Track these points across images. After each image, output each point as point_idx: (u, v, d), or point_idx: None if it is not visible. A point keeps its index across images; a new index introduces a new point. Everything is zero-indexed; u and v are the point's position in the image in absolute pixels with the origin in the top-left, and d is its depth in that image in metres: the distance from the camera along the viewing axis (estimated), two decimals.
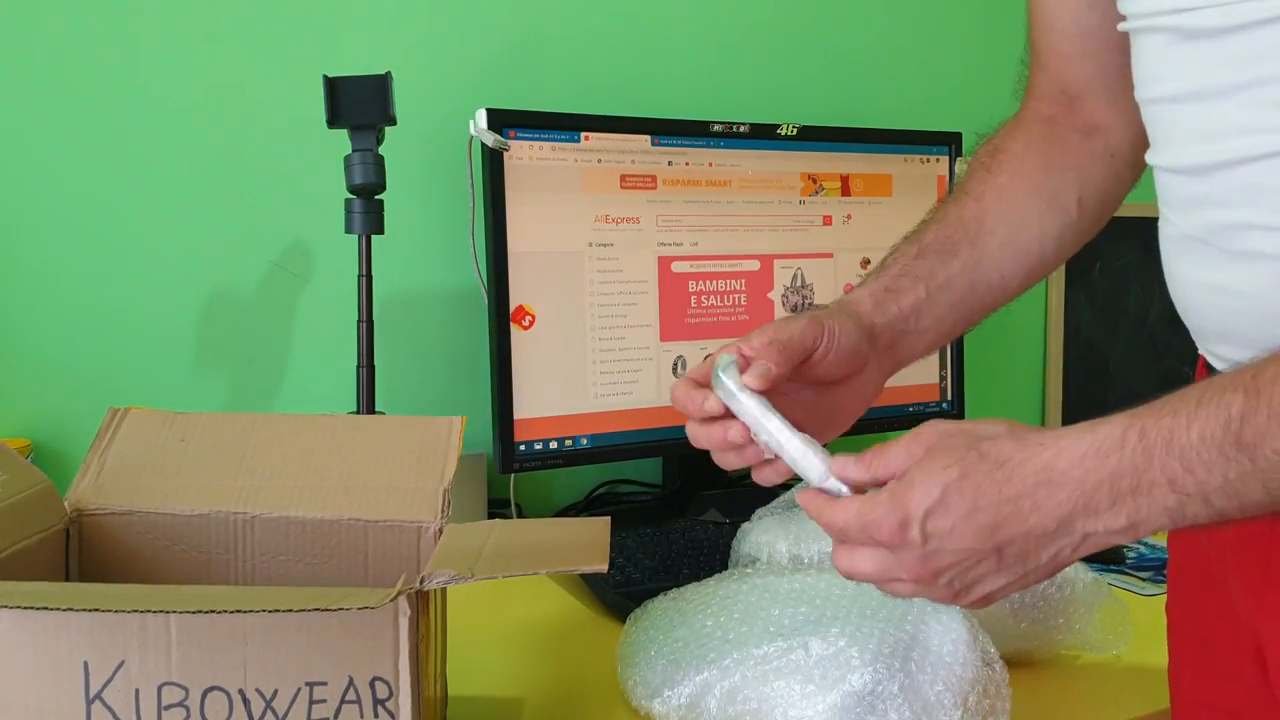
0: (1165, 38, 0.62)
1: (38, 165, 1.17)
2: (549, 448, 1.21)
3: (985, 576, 0.59)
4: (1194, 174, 0.62)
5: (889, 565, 0.60)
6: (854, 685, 0.73)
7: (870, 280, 0.77)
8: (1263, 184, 0.58)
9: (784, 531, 0.99)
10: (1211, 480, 0.52)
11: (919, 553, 0.58)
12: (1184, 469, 0.52)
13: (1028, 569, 0.58)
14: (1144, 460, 0.54)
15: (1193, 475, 0.52)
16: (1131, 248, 1.72)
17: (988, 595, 0.60)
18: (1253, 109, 0.58)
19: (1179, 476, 0.53)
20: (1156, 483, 0.53)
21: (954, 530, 0.57)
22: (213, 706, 0.60)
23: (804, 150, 1.35)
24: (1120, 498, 0.54)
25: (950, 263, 0.77)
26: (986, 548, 0.57)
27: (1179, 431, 0.53)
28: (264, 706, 0.60)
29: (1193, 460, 0.52)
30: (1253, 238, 0.59)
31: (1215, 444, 0.52)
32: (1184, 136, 0.63)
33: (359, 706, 0.61)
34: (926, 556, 0.58)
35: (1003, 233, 0.79)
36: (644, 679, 0.81)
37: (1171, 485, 0.53)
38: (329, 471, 0.80)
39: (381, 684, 0.61)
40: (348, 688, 0.61)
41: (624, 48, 1.41)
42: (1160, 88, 0.64)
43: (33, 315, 1.18)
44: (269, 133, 1.25)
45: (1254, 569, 0.64)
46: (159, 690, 0.60)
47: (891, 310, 0.75)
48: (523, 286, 1.19)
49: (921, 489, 0.58)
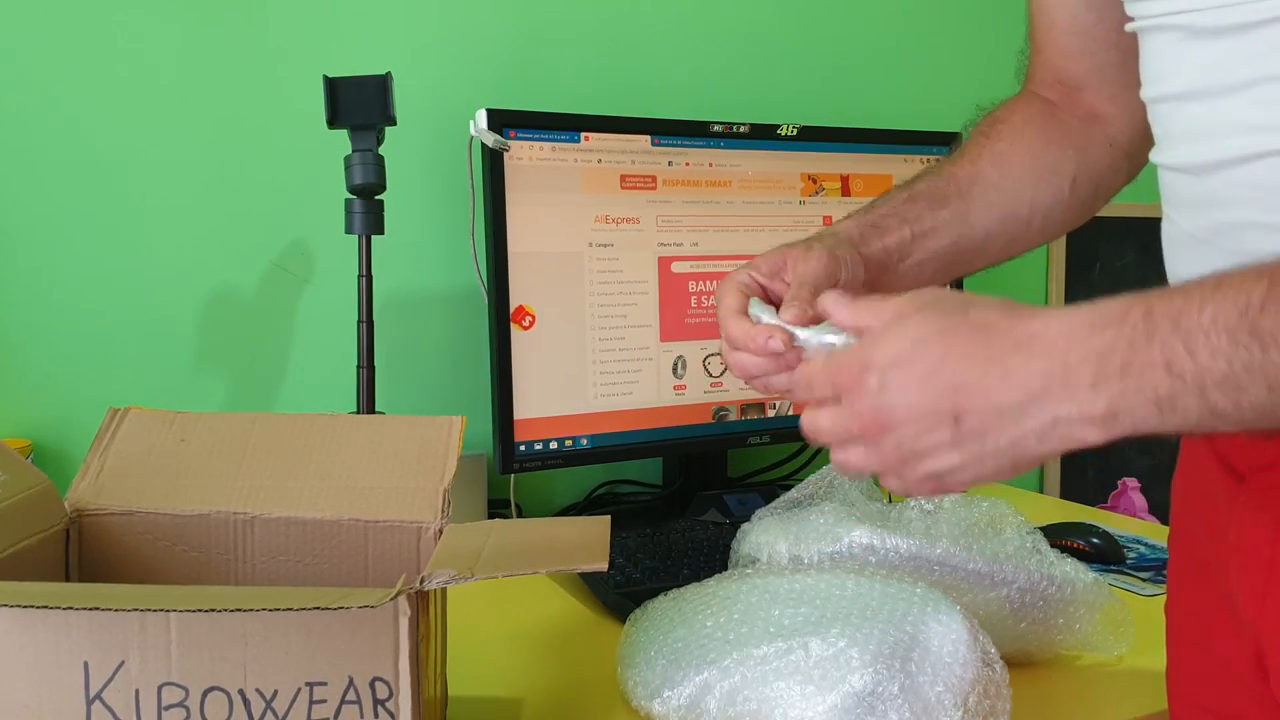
0: (1173, 36, 0.62)
1: (38, 165, 1.17)
2: (549, 448, 1.21)
3: (937, 448, 0.55)
4: (1198, 173, 0.62)
5: (842, 416, 0.57)
6: (854, 686, 0.73)
7: (856, 215, 0.77)
8: (1266, 183, 0.58)
9: (784, 532, 0.99)
10: (1215, 367, 0.47)
11: (872, 402, 0.55)
12: (1186, 350, 0.48)
13: (985, 450, 0.54)
14: (1143, 338, 0.49)
15: (1194, 359, 0.48)
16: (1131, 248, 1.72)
17: (937, 475, 0.56)
18: (1258, 107, 0.58)
19: (1178, 359, 0.48)
20: (1152, 363, 0.49)
21: (913, 383, 0.54)
22: (213, 707, 0.60)
23: (804, 150, 1.35)
24: (1106, 377, 0.50)
25: (938, 212, 0.77)
26: (943, 409, 0.54)
27: (1189, 312, 0.48)
28: (264, 707, 0.60)
29: (1198, 342, 0.48)
30: (1255, 237, 0.59)
31: (1227, 328, 0.47)
32: (1188, 135, 0.63)
33: (359, 707, 0.61)
34: (879, 409, 0.55)
35: (994, 195, 0.78)
36: (644, 679, 0.81)
37: (1168, 368, 0.48)
38: (329, 472, 0.80)
39: (382, 684, 0.61)
40: (348, 688, 0.61)
41: (624, 48, 1.41)
42: (1166, 86, 0.64)
43: (33, 315, 1.18)
44: (269, 133, 1.25)
45: (1256, 572, 0.63)
46: (159, 690, 0.60)
47: (875, 245, 0.74)
48: (523, 287, 1.19)
49: (893, 339, 0.55)
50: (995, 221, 0.78)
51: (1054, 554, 0.93)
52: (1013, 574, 0.89)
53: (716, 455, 1.38)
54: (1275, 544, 0.62)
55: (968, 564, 0.89)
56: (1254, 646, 0.65)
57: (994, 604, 0.89)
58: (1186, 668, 0.75)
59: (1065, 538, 1.20)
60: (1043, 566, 0.90)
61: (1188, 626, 0.75)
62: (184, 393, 1.23)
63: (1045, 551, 0.93)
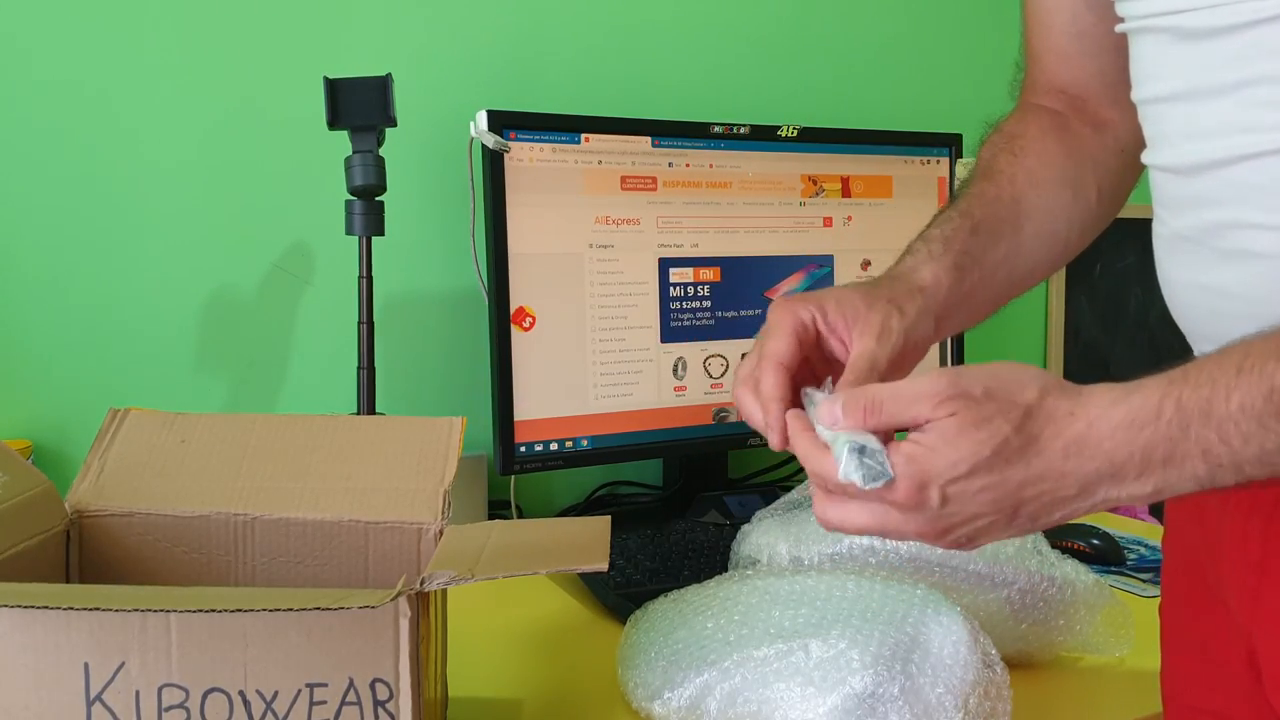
0: (1161, 38, 0.63)
1: (38, 166, 1.17)
2: (549, 449, 1.21)
3: (992, 530, 0.57)
4: (1186, 173, 0.63)
5: (895, 522, 0.57)
6: (854, 688, 0.72)
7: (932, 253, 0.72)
8: (1254, 182, 0.58)
9: (784, 533, 0.99)
10: (1247, 451, 0.51)
11: (933, 514, 0.56)
12: (1220, 439, 0.51)
13: (1036, 525, 0.57)
14: (1179, 432, 0.52)
15: (1228, 446, 0.51)
16: (1132, 249, 1.72)
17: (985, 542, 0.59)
18: (1245, 108, 0.58)
19: (1214, 447, 0.52)
20: (1190, 455, 0.52)
21: (975, 497, 0.56)
22: (213, 708, 0.60)
23: (804, 152, 1.35)
24: (1150, 468, 0.53)
25: (998, 247, 0.75)
26: (1004, 509, 0.56)
27: (1217, 402, 0.52)
28: (264, 708, 0.60)
29: (1230, 431, 0.51)
30: (1244, 236, 0.59)
31: (1255, 415, 0.50)
32: (1177, 136, 0.63)
33: (359, 708, 0.61)
34: (939, 518, 0.57)
35: (1037, 219, 0.77)
36: (644, 681, 0.81)
37: (1205, 456, 0.52)
38: (329, 473, 0.80)
39: (382, 685, 0.61)
40: (348, 689, 0.61)
41: (624, 49, 1.41)
42: (1155, 88, 0.65)
43: (33, 316, 1.18)
44: (269, 134, 1.25)
45: (1248, 573, 0.64)
46: (159, 692, 0.60)
47: (957, 294, 0.72)
48: (523, 288, 1.19)
49: (946, 459, 0.55)
50: (1041, 249, 0.78)
51: (1054, 555, 0.93)
52: (1013, 575, 0.89)
53: (717, 456, 1.38)
54: (1266, 545, 0.62)
55: (968, 565, 0.90)
56: (1247, 648, 0.65)
57: (994, 605, 0.89)
58: (1181, 668, 0.75)
59: (1065, 539, 1.20)
60: (1043, 568, 0.90)
61: (1182, 628, 0.75)
62: (184, 393, 1.23)
63: (1045, 552, 0.93)
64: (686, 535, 1.18)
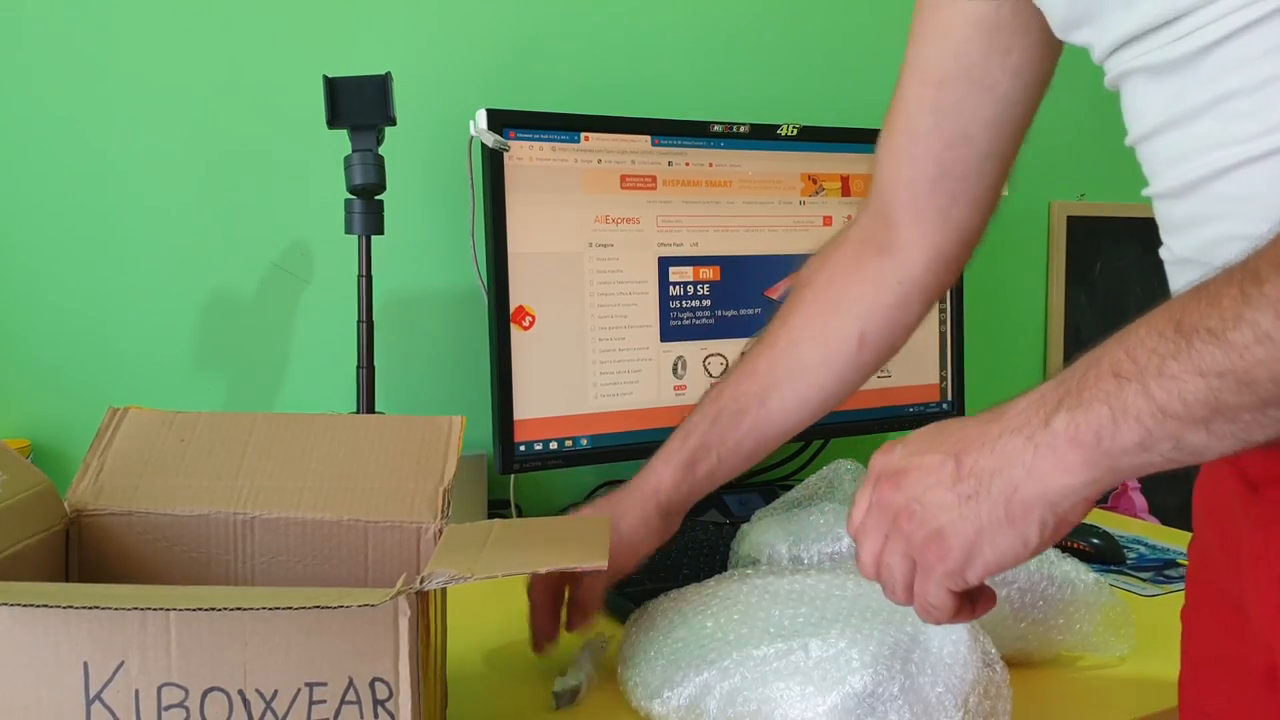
0: (1140, 78, 0.64)
1: (37, 166, 1.17)
2: (549, 448, 1.21)
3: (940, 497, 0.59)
4: (1177, 195, 0.64)
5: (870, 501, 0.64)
6: (854, 687, 0.72)
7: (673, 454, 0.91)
8: (1238, 194, 0.59)
9: (784, 532, 0.99)
10: (1150, 364, 0.52)
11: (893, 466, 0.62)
12: (1127, 356, 0.53)
13: (980, 493, 0.58)
14: (1095, 356, 0.55)
15: (1134, 361, 0.53)
16: (1132, 248, 1.72)
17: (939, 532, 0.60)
18: (1222, 123, 0.59)
19: (1121, 363, 0.53)
20: (1101, 374, 0.54)
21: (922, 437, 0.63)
22: (212, 708, 0.60)
23: (804, 151, 1.35)
24: (1067, 394, 0.55)
25: (739, 426, 0.90)
26: (946, 451, 0.60)
27: (1131, 330, 0.54)
28: (264, 707, 0.60)
29: (1134, 345, 0.53)
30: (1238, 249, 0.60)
31: (1157, 330, 0.53)
32: (1166, 163, 0.65)
33: (359, 707, 0.61)
34: (896, 471, 0.62)
35: (785, 387, 0.90)
36: (643, 680, 0.81)
37: (1115, 374, 0.54)
38: (328, 472, 0.80)
39: (381, 684, 0.61)
40: (348, 688, 0.61)
41: (624, 48, 1.41)
42: (1143, 126, 0.66)
43: (33, 315, 1.18)
44: (269, 133, 1.25)
45: (1268, 585, 0.63)
46: (159, 691, 0.60)
47: (685, 487, 0.91)
48: (523, 287, 1.19)
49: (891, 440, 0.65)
50: (794, 408, 0.90)
51: (1054, 554, 0.93)
52: (1012, 574, 0.89)
53: None
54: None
55: None
56: (1267, 661, 0.65)
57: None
58: (1199, 676, 0.75)
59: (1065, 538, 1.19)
60: (1043, 566, 0.90)
61: (1202, 636, 0.75)
62: (184, 393, 1.23)
63: (1045, 551, 0.93)
64: (686, 534, 1.18)
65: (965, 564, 0.60)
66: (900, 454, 0.63)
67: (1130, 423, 0.53)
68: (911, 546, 0.61)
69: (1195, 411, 0.51)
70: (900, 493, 0.62)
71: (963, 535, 0.59)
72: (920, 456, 0.61)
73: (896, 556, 0.63)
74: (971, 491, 0.59)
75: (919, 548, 0.61)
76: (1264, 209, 0.58)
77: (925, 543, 0.61)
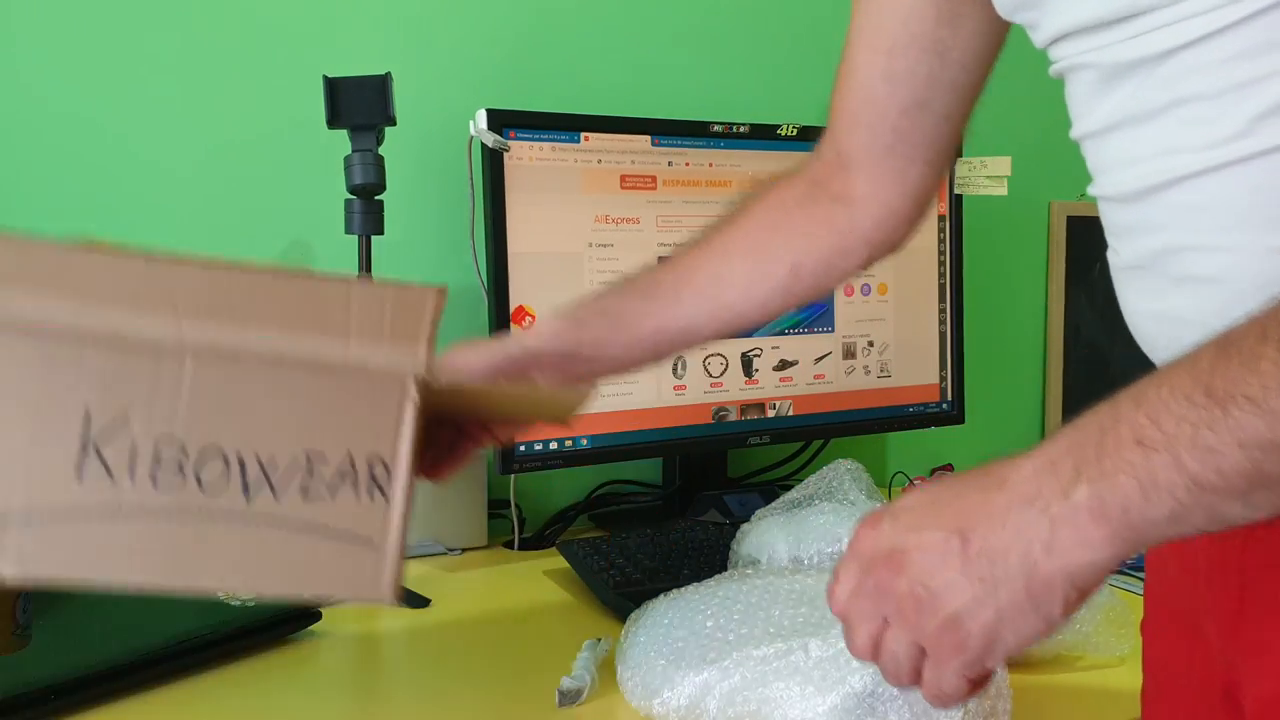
0: (1091, 74, 0.63)
1: (37, 166, 1.17)
2: (549, 448, 1.21)
3: (950, 581, 0.53)
4: (1127, 200, 0.62)
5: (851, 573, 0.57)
6: (853, 686, 0.73)
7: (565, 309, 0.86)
8: (1190, 203, 0.58)
9: (784, 533, 0.99)
10: (1181, 433, 0.47)
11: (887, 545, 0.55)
12: (1151, 422, 0.48)
13: (995, 573, 0.52)
14: (1111, 421, 0.50)
15: (1160, 428, 0.48)
16: None
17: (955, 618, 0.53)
18: (1176, 129, 0.58)
19: (1145, 431, 0.48)
20: (1122, 442, 0.49)
21: (915, 509, 0.56)
22: (210, 470, 0.59)
23: (804, 151, 1.34)
24: (1084, 464, 0.50)
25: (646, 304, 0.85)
26: (950, 529, 0.53)
27: (1148, 390, 0.49)
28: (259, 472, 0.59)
29: (1159, 412, 0.48)
30: (1189, 260, 0.59)
31: (1183, 393, 0.48)
32: (1115, 165, 0.63)
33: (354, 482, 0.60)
34: (893, 552, 0.55)
35: (701, 285, 0.85)
36: (643, 680, 0.81)
37: (1139, 443, 0.48)
38: None
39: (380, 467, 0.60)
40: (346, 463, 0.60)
41: (624, 48, 1.41)
42: (1090, 123, 0.65)
43: None
44: (269, 133, 1.25)
45: (1228, 601, 0.62)
46: (157, 445, 0.58)
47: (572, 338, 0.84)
48: (523, 287, 1.19)
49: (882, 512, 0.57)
50: (703, 312, 0.85)
51: None
52: None
53: (716, 455, 1.38)
54: (1245, 575, 0.60)
55: None
56: (1223, 679, 0.63)
57: None
58: (1159, 693, 0.74)
59: None
60: None
61: (1161, 652, 0.74)
62: None
63: None
64: (686, 534, 1.18)
65: (986, 652, 0.53)
66: (892, 530, 0.56)
67: (1162, 496, 0.48)
68: (922, 636, 0.54)
69: (1234, 483, 0.47)
70: (902, 577, 0.54)
71: (981, 622, 0.53)
72: (918, 534, 0.54)
73: (903, 645, 0.55)
74: (985, 574, 0.52)
75: (932, 637, 0.54)
76: (1217, 220, 0.56)
77: (940, 632, 0.54)
